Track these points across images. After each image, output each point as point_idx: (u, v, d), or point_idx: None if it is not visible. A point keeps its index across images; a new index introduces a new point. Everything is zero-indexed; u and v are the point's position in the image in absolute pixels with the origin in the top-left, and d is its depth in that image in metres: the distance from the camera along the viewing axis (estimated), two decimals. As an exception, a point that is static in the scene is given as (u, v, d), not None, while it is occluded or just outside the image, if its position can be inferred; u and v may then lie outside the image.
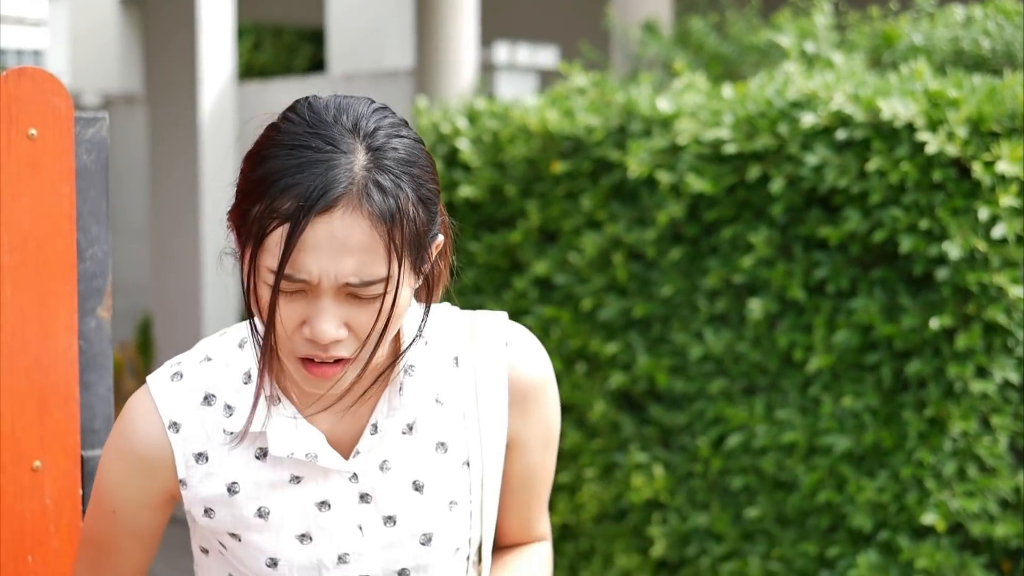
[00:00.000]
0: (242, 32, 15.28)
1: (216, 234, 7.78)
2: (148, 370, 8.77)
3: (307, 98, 1.46)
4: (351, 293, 1.41)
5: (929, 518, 3.50)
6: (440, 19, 6.56)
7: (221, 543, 1.58)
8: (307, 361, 1.45)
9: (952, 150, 3.41)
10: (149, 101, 8.42)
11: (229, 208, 1.46)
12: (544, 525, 1.74)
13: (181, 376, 1.56)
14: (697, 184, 3.87)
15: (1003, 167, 3.38)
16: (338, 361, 1.45)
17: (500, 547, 1.72)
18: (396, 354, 1.54)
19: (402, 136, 1.44)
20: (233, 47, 8.19)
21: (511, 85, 6.40)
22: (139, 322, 9.28)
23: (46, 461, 1.83)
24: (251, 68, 15.78)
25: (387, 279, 1.40)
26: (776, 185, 3.70)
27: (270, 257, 1.40)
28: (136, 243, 9.46)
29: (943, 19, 4.74)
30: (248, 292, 1.44)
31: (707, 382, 3.98)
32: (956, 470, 3.52)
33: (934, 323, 3.46)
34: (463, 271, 4.57)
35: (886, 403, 3.63)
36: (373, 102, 1.45)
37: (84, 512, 1.82)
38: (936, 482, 3.52)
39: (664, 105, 4.08)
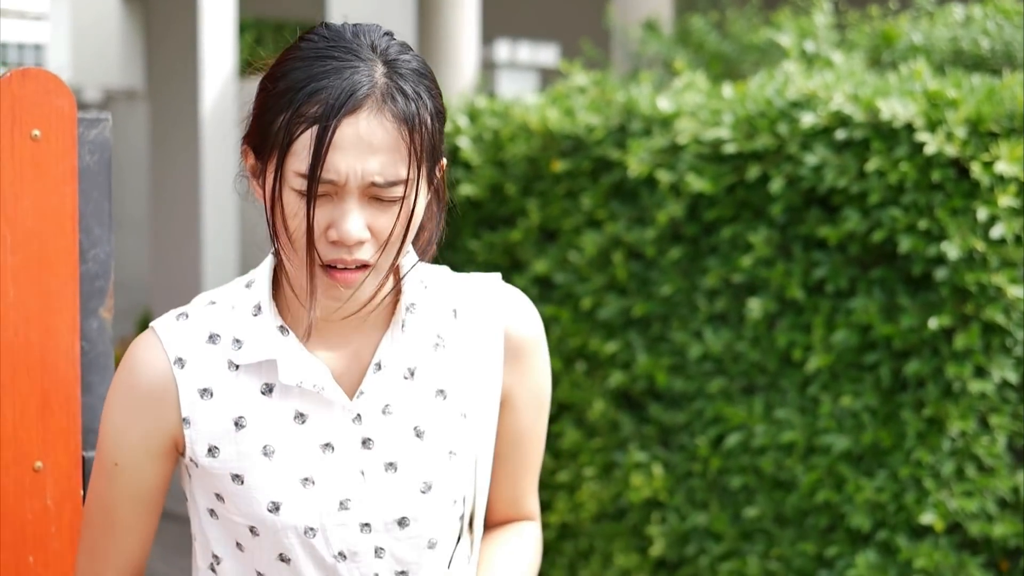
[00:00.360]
0: (243, 28, 15.26)
1: (216, 232, 7.78)
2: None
3: (322, 22, 1.54)
4: (374, 196, 1.47)
5: (927, 518, 3.51)
6: (441, 17, 6.56)
7: (219, 496, 1.57)
8: (330, 269, 1.49)
9: (951, 150, 3.41)
10: (150, 96, 8.41)
11: (244, 133, 1.53)
12: (533, 504, 1.76)
13: (187, 316, 1.59)
14: (697, 184, 3.87)
15: (1002, 167, 3.39)
16: (360, 268, 1.49)
17: (489, 524, 1.74)
18: (398, 281, 1.59)
19: (411, 53, 1.53)
20: (234, 42, 8.19)
21: (512, 83, 6.39)
22: (139, 318, 9.28)
23: (47, 462, 1.83)
24: (252, 64, 15.76)
25: (407, 181, 1.47)
26: (775, 185, 3.71)
27: (298, 161, 1.45)
28: (137, 239, 9.47)
29: (942, 19, 4.75)
30: (272, 207, 1.48)
31: (706, 381, 3.99)
32: (954, 470, 3.53)
33: (933, 323, 3.46)
34: (463, 269, 4.57)
35: (885, 403, 3.63)
36: (382, 27, 1.55)
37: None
38: (934, 482, 3.53)
39: (664, 104, 4.09)
